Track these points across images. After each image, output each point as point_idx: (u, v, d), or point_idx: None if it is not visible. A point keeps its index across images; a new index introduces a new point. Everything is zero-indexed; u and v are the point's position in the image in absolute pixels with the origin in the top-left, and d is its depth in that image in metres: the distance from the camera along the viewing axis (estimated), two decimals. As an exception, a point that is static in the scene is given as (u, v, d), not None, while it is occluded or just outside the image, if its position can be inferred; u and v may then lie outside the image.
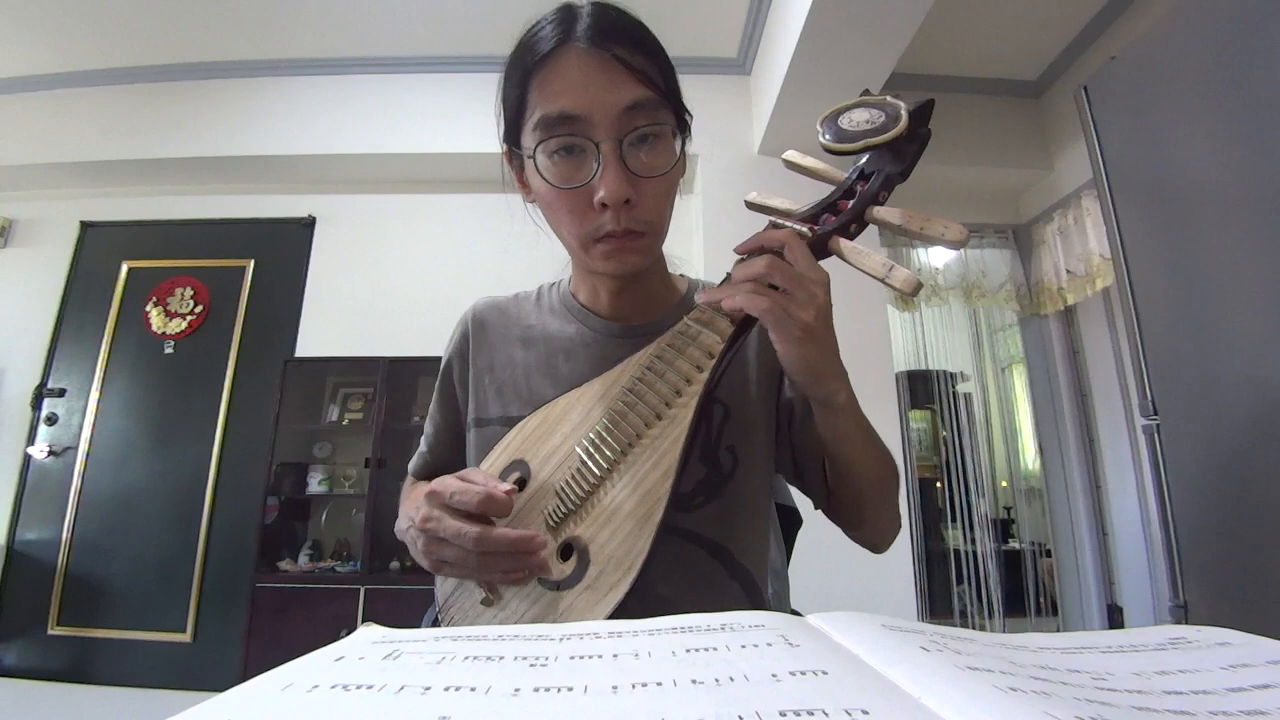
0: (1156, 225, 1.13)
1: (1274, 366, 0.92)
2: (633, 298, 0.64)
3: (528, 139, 0.54)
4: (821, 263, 0.49)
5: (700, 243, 2.54)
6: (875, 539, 0.63)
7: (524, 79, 0.54)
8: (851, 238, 0.49)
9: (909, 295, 0.44)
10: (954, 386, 3.00)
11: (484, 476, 0.47)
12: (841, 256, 0.48)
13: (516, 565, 0.44)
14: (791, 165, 0.56)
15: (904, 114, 0.48)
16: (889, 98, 0.50)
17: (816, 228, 0.49)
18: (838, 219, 0.50)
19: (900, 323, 2.94)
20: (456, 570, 0.46)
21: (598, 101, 0.51)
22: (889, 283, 0.44)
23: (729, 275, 0.51)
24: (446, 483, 0.46)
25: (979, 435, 2.99)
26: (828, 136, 0.50)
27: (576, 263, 0.64)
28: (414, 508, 0.48)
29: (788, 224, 0.50)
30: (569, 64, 0.52)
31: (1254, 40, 0.95)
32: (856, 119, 0.50)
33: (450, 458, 0.70)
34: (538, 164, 0.54)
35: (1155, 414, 1.12)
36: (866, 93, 0.53)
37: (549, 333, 0.66)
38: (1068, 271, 2.62)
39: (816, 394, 0.50)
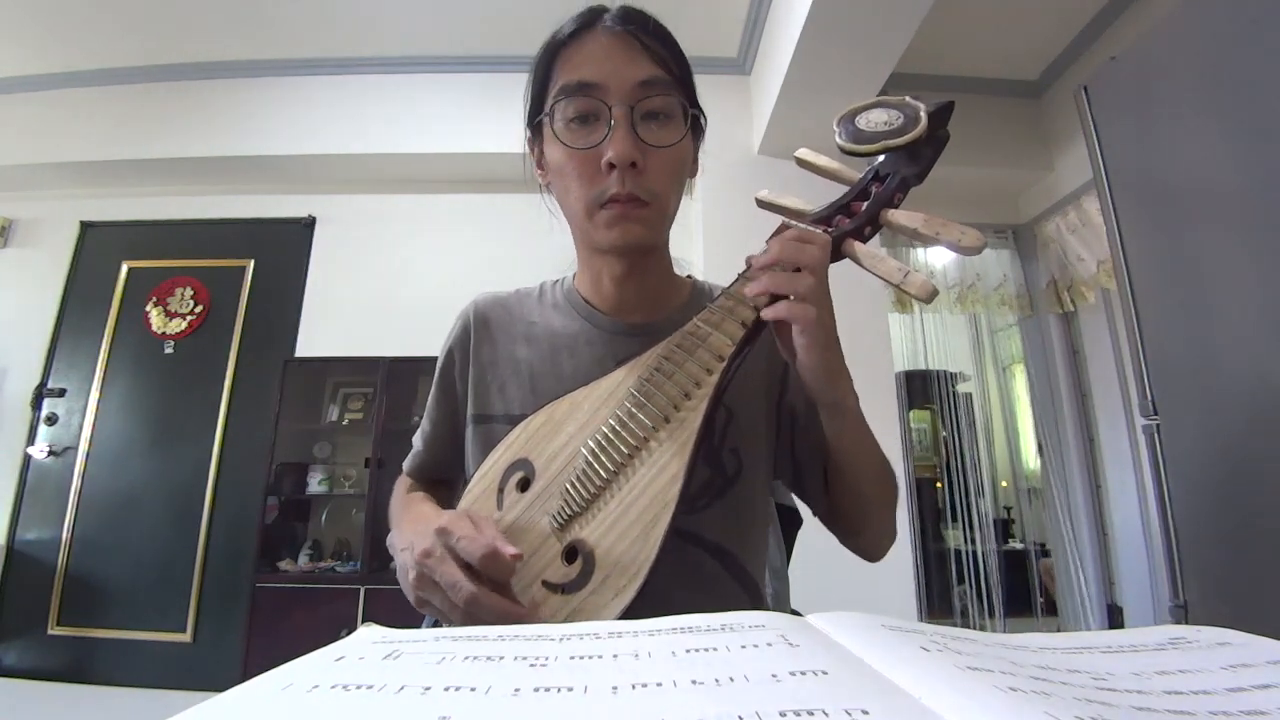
0: (1156, 225, 1.13)
1: (1274, 366, 0.92)
2: (636, 288, 0.64)
3: (548, 105, 0.58)
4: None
5: (700, 243, 2.54)
6: (871, 548, 0.63)
7: (550, 59, 0.58)
8: (865, 240, 0.49)
9: (924, 301, 0.44)
10: (954, 386, 3.00)
11: (495, 530, 0.44)
12: (856, 260, 0.48)
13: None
14: (804, 164, 0.55)
15: (923, 116, 0.47)
16: (908, 99, 0.49)
17: (830, 229, 0.49)
18: (852, 221, 0.49)
19: (900, 322, 2.94)
20: (437, 613, 0.44)
21: (615, 72, 0.55)
22: (904, 289, 0.44)
23: (742, 275, 0.50)
24: (457, 525, 0.44)
25: (979, 435, 3.00)
26: (844, 137, 0.50)
27: (582, 244, 0.64)
28: (418, 535, 0.46)
29: (801, 225, 0.50)
30: (593, 41, 0.56)
31: (1254, 40, 0.95)
32: (874, 120, 0.49)
33: (447, 455, 0.69)
34: (555, 129, 0.57)
35: (1155, 414, 1.11)
36: (884, 93, 0.53)
37: (552, 329, 0.66)
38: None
39: (829, 398, 0.50)
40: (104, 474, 2.64)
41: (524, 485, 0.51)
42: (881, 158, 0.50)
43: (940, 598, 2.78)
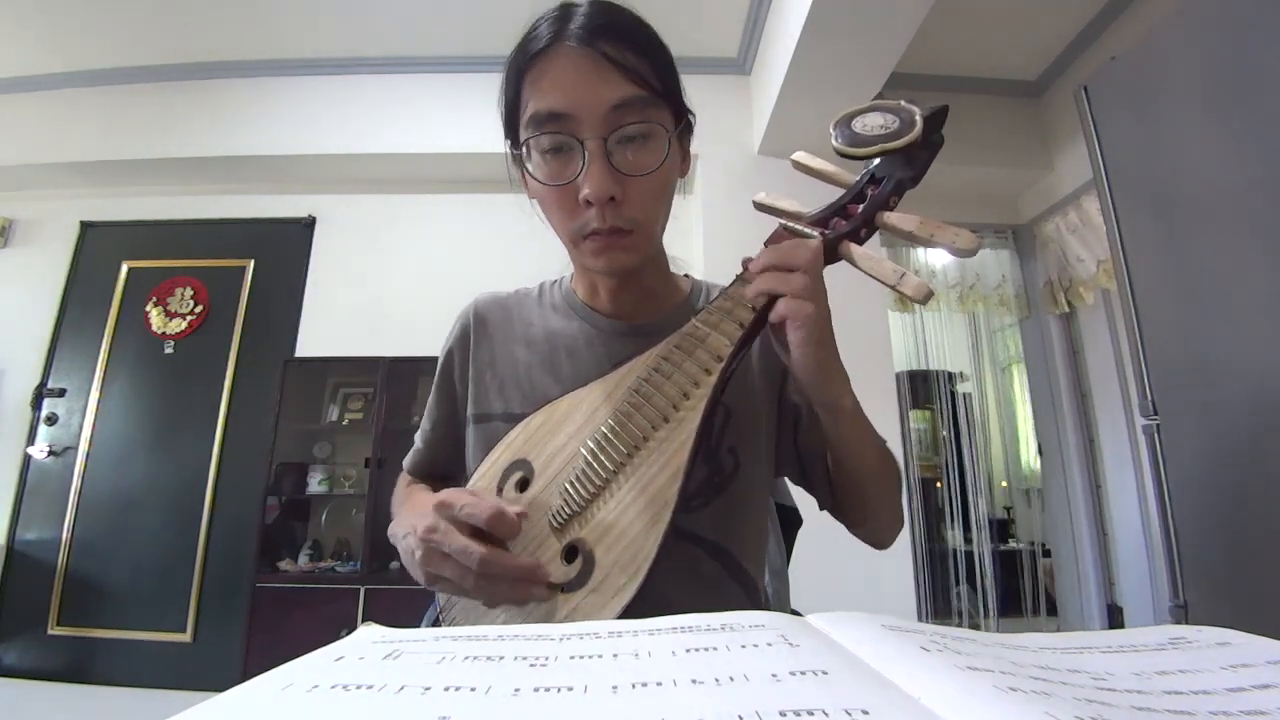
0: (1156, 225, 1.13)
1: (1274, 367, 0.92)
2: (633, 295, 0.64)
3: (522, 136, 0.55)
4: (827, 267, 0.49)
5: (700, 243, 2.54)
6: (878, 536, 0.63)
7: (519, 76, 0.55)
8: (861, 242, 0.49)
9: (920, 302, 0.44)
10: (954, 386, 3.00)
11: (493, 496, 0.46)
12: (853, 262, 0.48)
13: (515, 593, 0.43)
14: (800, 166, 0.55)
15: (918, 120, 0.48)
16: (903, 103, 0.50)
17: (827, 231, 0.49)
18: (848, 224, 0.49)
19: (900, 322, 2.94)
20: (451, 588, 0.45)
21: (585, 99, 0.51)
22: (900, 290, 0.44)
23: (739, 277, 0.51)
24: (457, 495, 0.45)
25: (979, 435, 3.00)
26: (840, 140, 0.50)
27: (573, 259, 0.64)
28: (417, 516, 0.46)
29: (798, 227, 0.50)
30: (560, 62, 0.52)
31: (1254, 40, 0.95)
32: (870, 123, 0.49)
33: (447, 453, 0.69)
34: (529, 161, 0.55)
35: (1155, 414, 1.11)
36: (880, 97, 0.53)
37: (551, 330, 0.66)
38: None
39: (824, 398, 0.50)
40: (104, 474, 2.64)
41: (523, 485, 0.51)
42: (877, 161, 0.51)
43: (940, 598, 2.78)
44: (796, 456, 0.64)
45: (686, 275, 0.72)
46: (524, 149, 0.55)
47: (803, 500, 0.78)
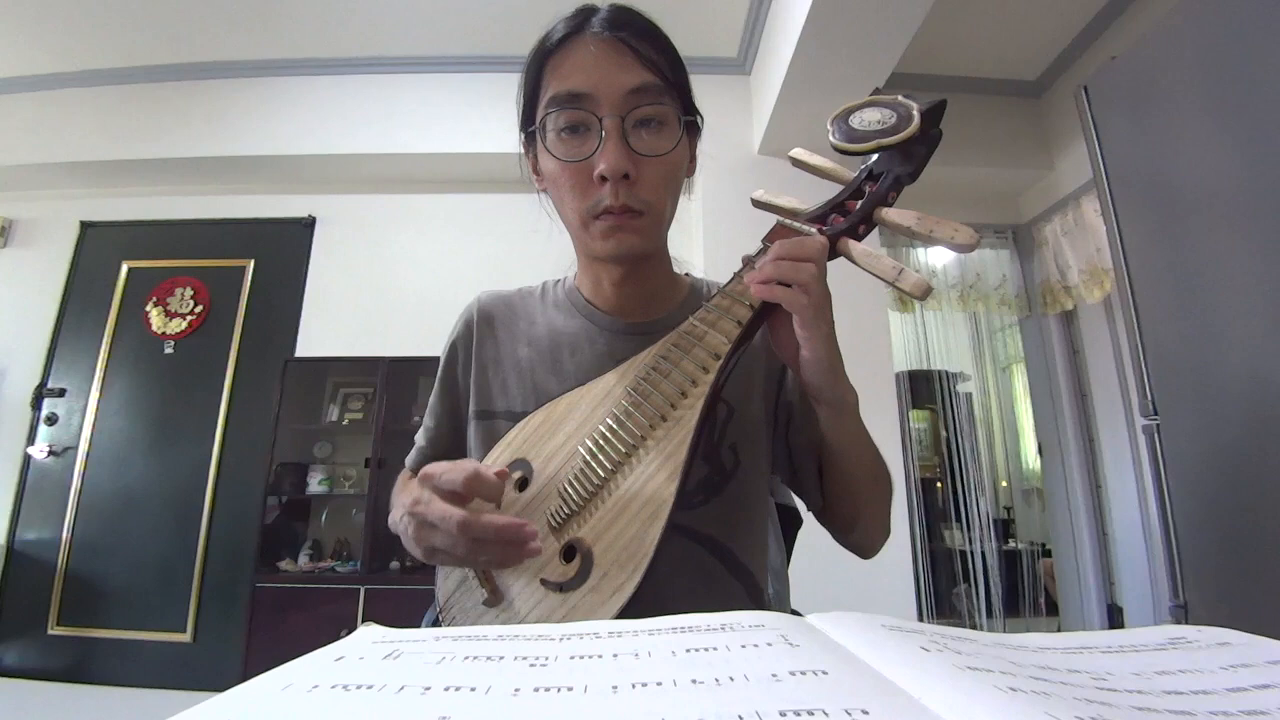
0: (1156, 225, 1.13)
1: (1274, 366, 0.92)
2: (636, 290, 0.64)
3: (539, 115, 0.57)
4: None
5: (700, 243, 2.54)
6: (865, 545, 0.63)
7: (540, 64, 0.57)
8: (859, 239, 0.49)
9: (919, 299, 0.44)
10: (955, 386, 3.00)
11: (475, 462, 0.46)
12: (851, 259, 0.48)
13: (507, 555, 0.43)
14: (798, 163, 0.55)
15: (916, 115, 0.48)
16: (900, 97, 0.50)
17: (825, 228, 0.49)
18: (846, 220, 0.49)
19: (901, 322, 2.94)
20: (448, 558, 0.45)
21: (605, 81, 0.54)
22: (899, 286, 0.44)
23: (737, 274, 0.50)
24: (437, 464, 0.46)
25: (979, 435, 2.99)
26: (838, 136, 0.50)
27: (580, 250, 0.64)
28: (407, 494, 0.48)
29: (796, 224, 0.50)
30: (582, 49, 0.55)
31: (1254, 40, 0.95)
32: (867, 119, 0.49)
33: (449, 451, 0.69)
34: (546, 141, 0.56)
35: (1155, 414, 1.11)
36: (877, 92, 0.53)
37: (553, 328, 0.66)
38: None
39: (831, 395, 0.50)
40: (104, 474, 2.64)
41: (522, 485, 0.51)
42: (875, 156, 0.51)
43: (940, 598, 2.78)
44: (788, 456, 0.64)
45: (688, 275, 0.72)
46: (540, 129, 0.56)
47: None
